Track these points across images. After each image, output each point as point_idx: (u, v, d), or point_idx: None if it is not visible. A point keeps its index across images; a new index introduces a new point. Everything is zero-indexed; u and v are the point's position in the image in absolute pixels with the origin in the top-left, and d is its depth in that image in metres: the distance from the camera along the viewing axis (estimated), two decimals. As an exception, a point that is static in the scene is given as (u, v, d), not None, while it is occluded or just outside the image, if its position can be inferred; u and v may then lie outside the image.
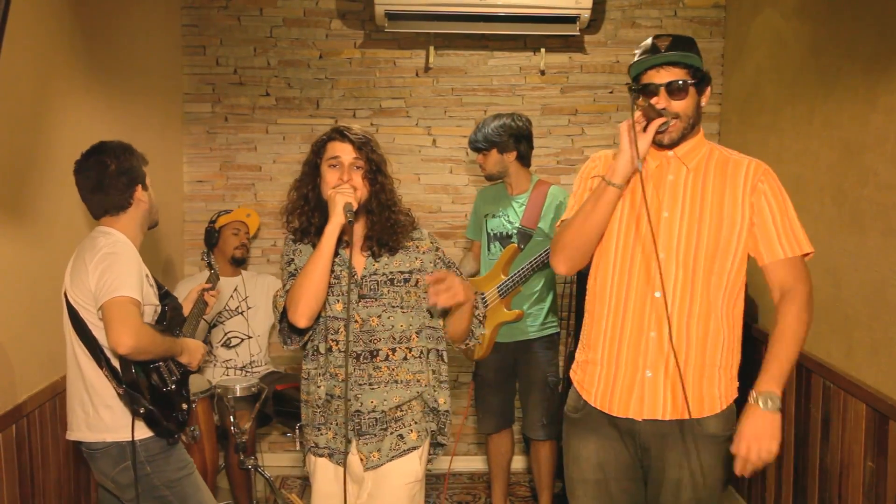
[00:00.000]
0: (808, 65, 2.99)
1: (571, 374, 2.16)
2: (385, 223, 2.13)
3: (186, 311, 2.61)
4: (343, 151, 2.08)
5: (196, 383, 3.13)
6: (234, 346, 3.59)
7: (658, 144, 1.95)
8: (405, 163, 4.00)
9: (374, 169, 2.10)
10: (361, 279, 2.13)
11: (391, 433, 2.12)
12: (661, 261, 1.92)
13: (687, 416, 1.95)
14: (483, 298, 3.22)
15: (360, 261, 2.15)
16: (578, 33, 3.83)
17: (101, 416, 2.26)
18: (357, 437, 2.11)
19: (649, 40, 1.96)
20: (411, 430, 2.14)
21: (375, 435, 2.11)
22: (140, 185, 2.35)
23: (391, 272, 2.14)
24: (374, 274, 2.13)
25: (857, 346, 2.59)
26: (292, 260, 2.16)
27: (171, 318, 2.45)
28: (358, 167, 2.08)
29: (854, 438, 2.55)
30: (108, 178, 2.28)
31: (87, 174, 2.30)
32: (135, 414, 2.23)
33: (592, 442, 2.06)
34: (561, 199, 3.21)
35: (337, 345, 2.11)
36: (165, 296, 2.49)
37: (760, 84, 3.45)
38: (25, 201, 2.41)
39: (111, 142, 2.37)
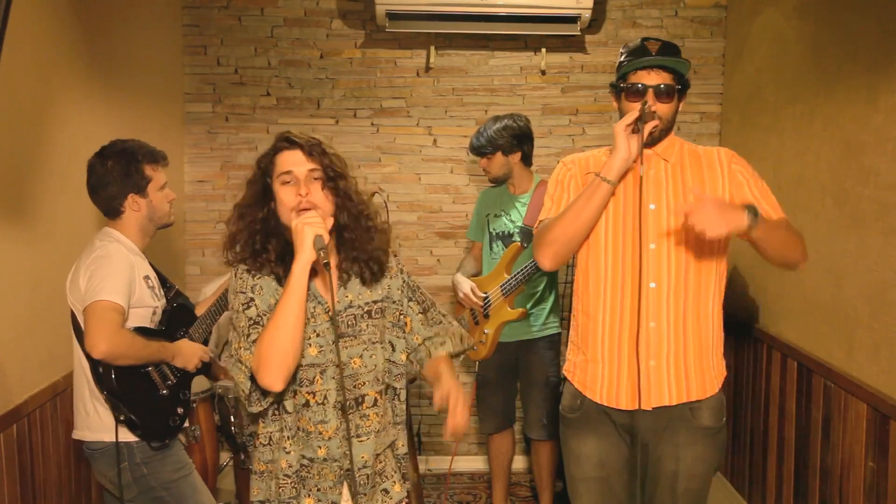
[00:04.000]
0: (809, 65, 2.99)
1: (569, 375, 2.20)
2: (364, 234, 1.83)
3: (201, 310, 2.57)
4: (294, 162, 1.75)
5: (196, 383, 3.13)
6: None
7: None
8: (406, 163, 4.00)
9: (333, 175, 1.78)
10: (337, 314, 1.81)
11: (378, 489, 1.86)
12: (652, 251, 2.02)
13: (693, 398, 2.05)
14: (486, 298, 3.22)
15: (336, 297, 1.83)
16: (579, 33, 3.83)
17: (101, 416, 2.27)
18: (352, 497, 1.82)
19: (638, 41, 2.04)
20: (394, 482, 1.89)
21: (366, 494, 1.82)
22: (134, 193, 2.31)
23: (367, 303, 1.84)
24: (350, 307, 1.82)
25: (858, 346, 2.59)
26: (251, 300, 1.75)
27: (173, 319, 2.43)
28: (315, 178, 1.76)
29: (855, 438, 2.55)
30: (101, 183, 2.29)
31: (89, 173, 2.32)
32: (116, 420, 2.22)
33: (592, 440, 2.12)
34: None
35: (314, 396, 1.76)
36: (177, 296, 2.47)
37: (761, 84, 3.45)
38: (25, 201, 2.41)
39: (119, 143, 2.34)
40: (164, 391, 2.35)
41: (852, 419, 2.57)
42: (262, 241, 1.79)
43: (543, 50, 3.96)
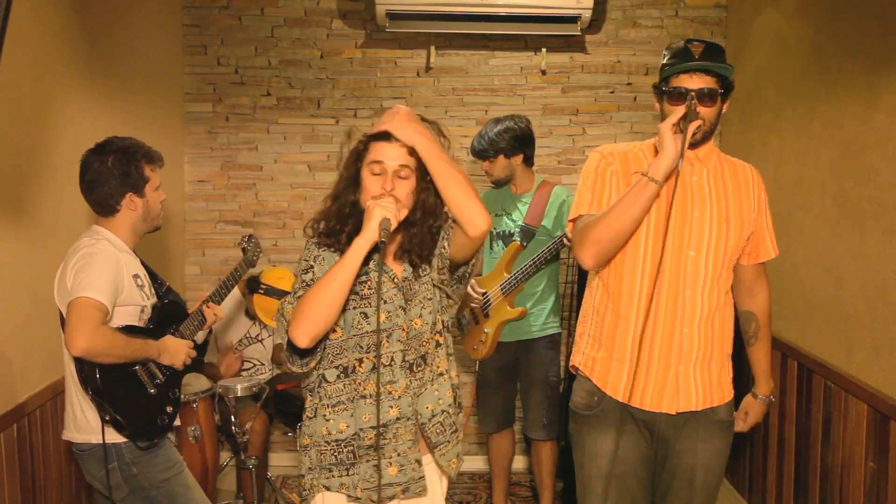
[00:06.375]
0: (809, 65, 2.99)
1: (585, 370, 2.17)
2: (426, 234, 1.90)
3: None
4: (388, 155, 1.82)
5: (197, 383, 3.13)
6: (246, 369, 3.57)
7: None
8: (406, 162, 4.00)
9: (424, 176, 1.85)
10: (402, 283, 1.90)
11: (458, 440, 1.93)
12: (691, 258, 2.03)
13: (716, 404, 2.10)
14: (486, 297, 3.22)
15: (397, 269, 1.92)
16: (579, 33, 3.83)
17: (87, 417, 2.25)
18: (431, 450, 1.89)
19: (682, 43, 2.00)
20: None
21: (449, 441, 1.90)
22: (132, 193, 2.30)
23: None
24: (406, 276, 1.91)
25: (858, 347, 2.59)
26: (311, 267, 1.87)
27: (163, 317, 2.40)
28: (404, 176, 1.83)
29: (855, 438, 2.55)
30: (98, 180, 2.26)
31: (84, 169, 2.29)
32: (102, 421, 2.20)
33: (611, 437, 2.11)
34: (564, 197, 3.22)
35: (379, 359, 1.82)
36: (168, 292, 2.46)
37: (762, 84, 3.45)
38: (26, 201, 2.41)
39: (118, 140, 2.32)
40: (153, 390, 2.31)
41: (852, 419, 2.57)
42: (343, 218, 1.88)
43: (544, 50, 3.96)
